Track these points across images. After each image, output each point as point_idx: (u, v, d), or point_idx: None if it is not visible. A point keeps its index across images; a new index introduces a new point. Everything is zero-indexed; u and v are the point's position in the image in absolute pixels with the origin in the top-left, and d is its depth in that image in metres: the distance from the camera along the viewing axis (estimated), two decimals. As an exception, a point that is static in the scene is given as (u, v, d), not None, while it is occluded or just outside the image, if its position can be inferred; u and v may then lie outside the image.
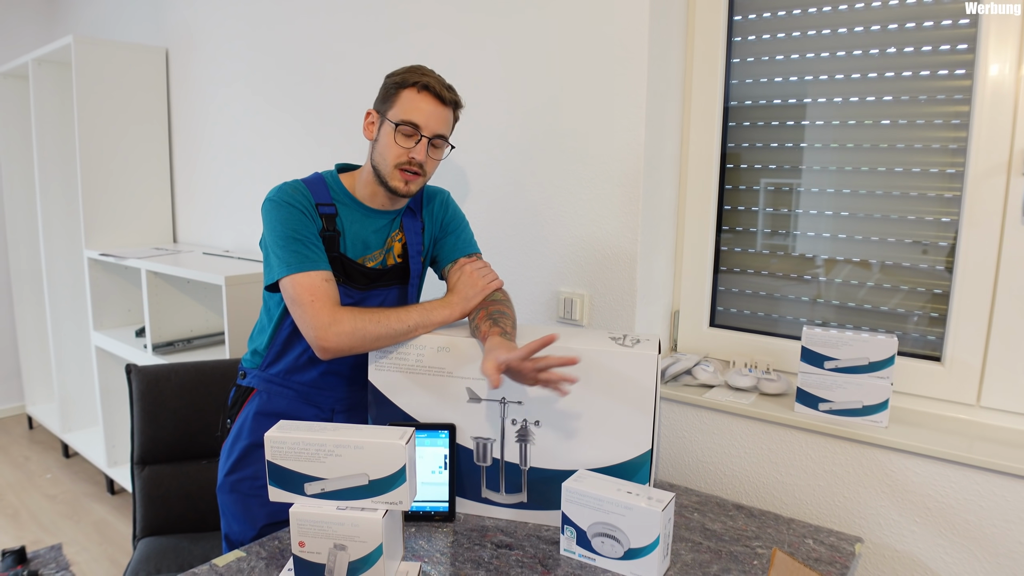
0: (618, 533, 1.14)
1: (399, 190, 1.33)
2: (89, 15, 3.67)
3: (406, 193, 1.34)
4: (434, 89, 1.31)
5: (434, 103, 1.31)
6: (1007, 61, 1.31)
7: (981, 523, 1.29)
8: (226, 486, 1.45)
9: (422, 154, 1.31)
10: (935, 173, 1.44)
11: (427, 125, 1.31)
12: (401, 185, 1.33)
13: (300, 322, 1.28)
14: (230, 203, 2.84)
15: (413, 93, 1.30)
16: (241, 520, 1.43)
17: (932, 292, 1.47)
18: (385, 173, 1.33)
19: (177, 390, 1.83)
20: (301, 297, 1.26)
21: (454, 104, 1.35)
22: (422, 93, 1.30)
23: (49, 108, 3.27)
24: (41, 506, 3.02)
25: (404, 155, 1.31)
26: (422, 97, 1.30)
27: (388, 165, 1.32)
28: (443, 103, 1.32)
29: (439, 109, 1.32)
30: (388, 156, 1.32)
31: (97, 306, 3.00)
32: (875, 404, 1.40)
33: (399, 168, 1.32)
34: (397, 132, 1.31)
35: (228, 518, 1.45)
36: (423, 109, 1.30)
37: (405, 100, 1.31)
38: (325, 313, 1.25)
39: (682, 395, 1.60)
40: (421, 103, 1.30)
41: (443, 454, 1.32)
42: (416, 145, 1.31)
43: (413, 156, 1.30)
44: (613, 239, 1.65)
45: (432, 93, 1.31)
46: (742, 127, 1.67)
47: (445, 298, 1.38)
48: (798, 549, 1.23)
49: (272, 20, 2.49)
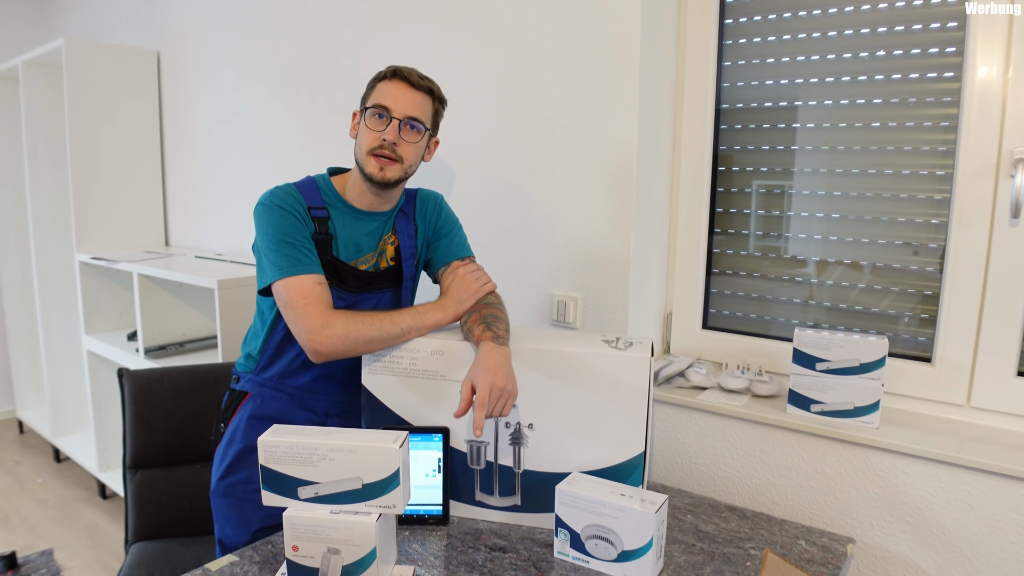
0: (612, 535, 1.14)
1: (374, 176, 1.33)
2: (80, 17, 3.65)
3: (382, 180, 1.33)
4: (403, 74, 1.34)
5: (404, 86, 1.33)
6: (995, 64, 1.32)
7: (972, 523, 1.30)
8: (219, 490, 1.44)
9: (393, 134, 1.32)
10: (925, 175, 1.45)
11: (396, 107, 1.32)
12: (376, 171, 1.33)
13: (293, 326, 1.28)
14: (222, 206, 2.84)
15: (386, 82, 1.35)
16: (235, 524, 1.43)
17: (923, 293, 1.48)
18: (361, 161, 1.35)
19: (169, 394, 1.82)
20: (294, 300, 1.26)
21: (428, 90, 1.36)
22: (393, 80, 1.34)
23: (40, 111, 3.25)
24: (32, 511, 3.00)
25: (376, 138, 1.32)
26: (393, 83, 1.34)
27: (363, 152, 1.34)
28: (415, 87, 1.34)
29: (410, 92, 1.33)
30: (363, 144, 1.34)
31: (88, 310, 2.99)
32: (866, 405, 1.40)
33: (372, 154, 1.33)
34: (369, 117, 1.33)
35: (222, 522, 1.45)
36: (393, 92, 1.33)
37: (378, 89, 1.35)
38: (318, 316, 1.25)
39: (675, 397, 1.61)
40: (391, 88, 1.33)
41: (437, 457, 1.32)
42: (387, 128, 1.32)
43: (384, 137, 1.31)
44: (606, 242, 1.65)
45: (401, 78, 1.34)
46: (734, 129, 1.68)
47: (438, 301, 1.38)
48: (790, 550, 1.24)
49: (264, 23, 2.49)
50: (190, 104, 2.94)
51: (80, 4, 3.63)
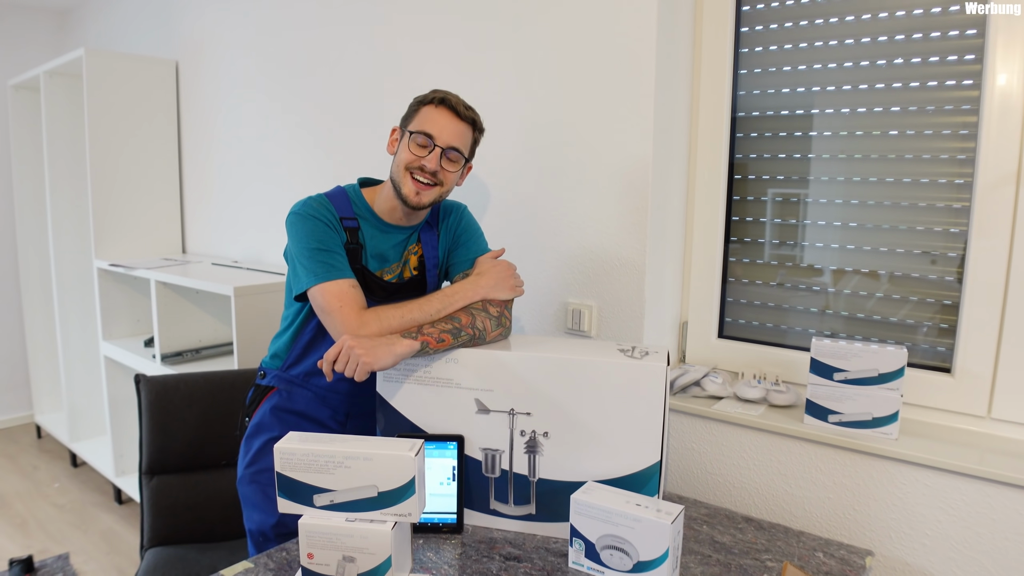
0: (627, 546, 1.13)
1: (409, 199, 1.36)
2: (100, 28, 3.71)
3: (417, 204, 1.37)
4: (450, 103, 1.36)
5: (450, 116, 1.36)
6: (1015, 71, 1.31)
7: (993, 536, 1.27)
8: (246, 478, 1.48)
9: (434, 163, 1.35)
10: (943, 184, 1.43)
11: (440, 135, 1.35)
12: (412, 194, 1.36)
13: (331, 329, 1.31)
14: (239, 214, 2.86)
15: (431, 108, 1.37)
16: (262, 509, 1.46)
17: (941, 303, 1.47)
18: (398, 180, 1.37)
19: (186, 400, 1.84)
20: (330, 305, 1.29)
21: (471, 121, 1.39)
22: (439, 108, 1.36)
23: (60, 120, 3.30)
24: (49, 515, 3.02)
25: (416, 161, 1.35)
26: (439, 111, 1.36)
27: (400, 170, 1.37)
28: (459, 118, 1.37)
29: (455, 123, 1.36)
30: (401, 162, 1.37)
31: (106, 316, 3.02)
32: (885, 416, 1.39)
33: (410, 172, 1.35)
34: (412, 141, 1.36)
35: (249, 508, 1.48)
36: (438, 121, 1.35)
37: (423, 114, 1.37)
38: (354, 318, 1.28)
39: (691, 407, 1.60)
40: (437, 116, 1.36)
41: (451, 465, 1.31)
42: (429, 155, 1.34)
43: (425, 164, 1.34)
44: (621, 250, 1.65)
45: (448, 107, 1.36)
46: (749, 138, 1.67)
47: (471, 280, 1.38)
48: (808, 562, 1.22)
49: (282, 32, 2.51)
50: (207, 112, 2.97)
51: (100, 15, 3.69)
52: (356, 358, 1.18)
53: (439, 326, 1.28)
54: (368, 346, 1.19)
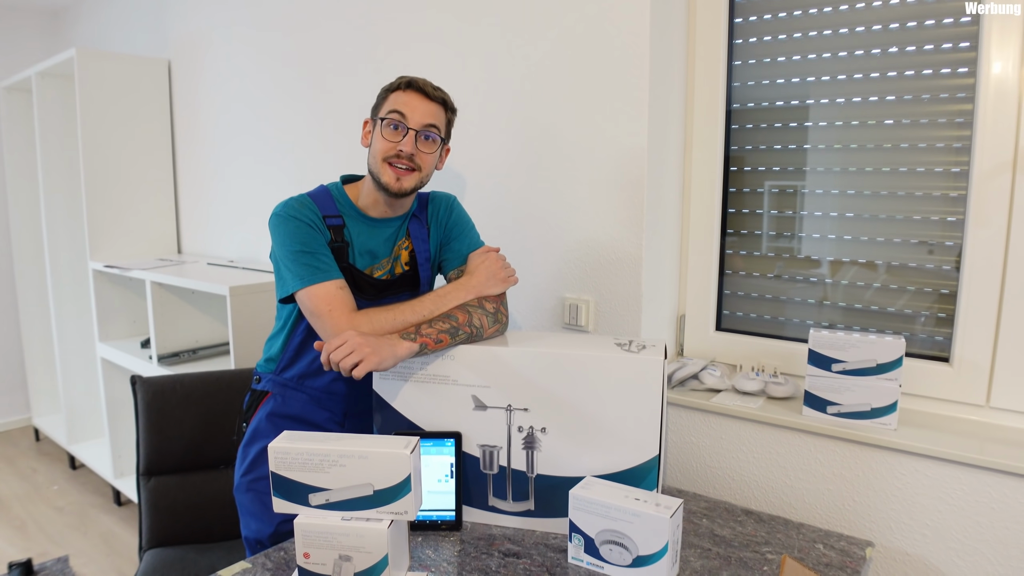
0: (626, 540, 1.13)
1: (390, 186, 1.34)
2: (91, 28, 3.69)
3: (398, 190, 1.35)
4: (418, 85, 1.35)
5: (420, 98, 1.35)
6: (1010, 59, 1.30)
7: (993, 525, 1.27)
8: (243, 486, 1.46)
9: (409, 146, 1.33)
10: (940, 172, 1.43)
11: (412, 117, 1.33)
12: (392, 181, 1.34)
13: (321, 332, 1.29)
14: (234, 213, 2.85)
15: (400, 93, 1.36)
16: (259, 517, 1.44)
17: (939, 292, 1.46)
18: (376, 170, 1.36)
19: (182, 401, 1.83)
20: (319, 308, 1.28)
21: (442, 101, 1.38)
22: (407, 91, 1.35)
23: (53, 121, 3.28)
24: (48, 518, 3.02)
25: (392, 148, 1.33)
26: (408, 94, 1.35)
27: (378, 161, 1.35)
28: (429, 98, 1.35)
29: (425, 103, 1.35)
30: (377, 152, 1.35)
31: (102, 317, 3.01)
32: (884, 406, 1.38)
33: (387, 162, 1.34)
34: (384, 127, 1.34)
35: (246, 517, 1.46)
36: (408, 103, 1.34)
37: (392, 99, 1.36)
38: (344, 320, 1.26)
39: (689, 400, 1.59)
40: (406, 99, 1.34)
41: (449, 462, 1.31)
42: (404, 139, 1.33)
43: (401, 148, 1.32)
44: (618, 244, 1.64)
45: (416, 89, 1.35)
46: (745, 129, 1.66)
47: (461, 281, 1.37)
48: (808, 554, 1.22)
49: (275, 31, 2.50)
50: (200, 112, 2.96)
51: (91, 15, 3.67)
52: (361, 355, 1.16)
53: (437, 326, 1.27)
54: (375, 345, 1.18)
